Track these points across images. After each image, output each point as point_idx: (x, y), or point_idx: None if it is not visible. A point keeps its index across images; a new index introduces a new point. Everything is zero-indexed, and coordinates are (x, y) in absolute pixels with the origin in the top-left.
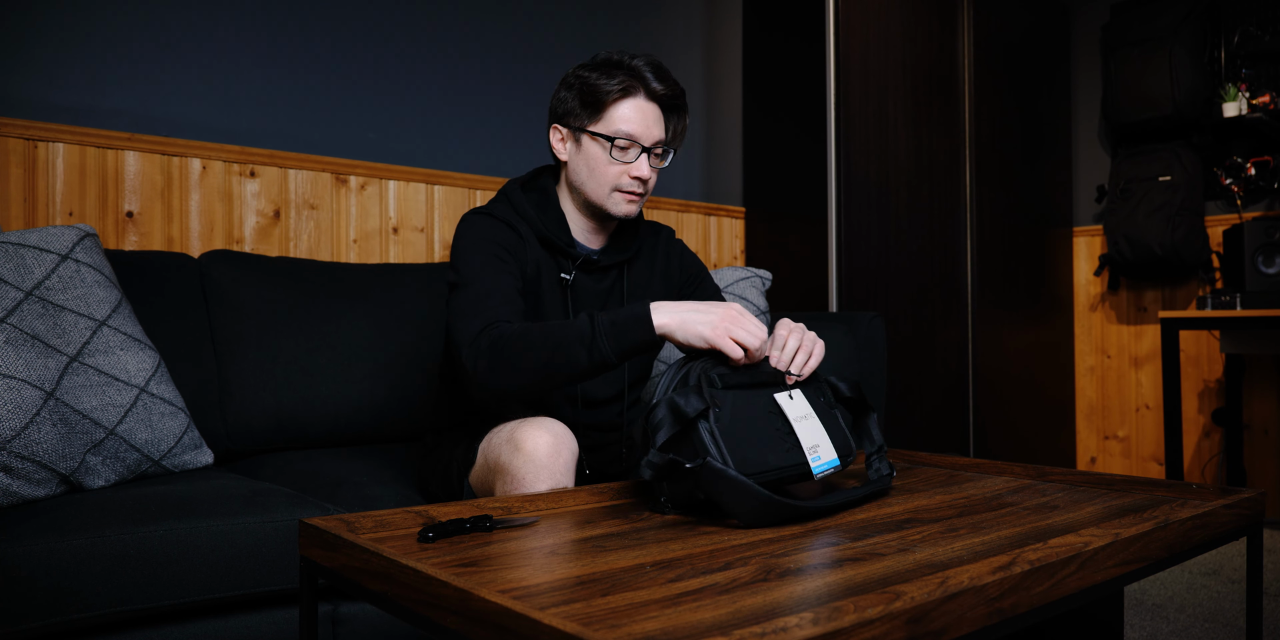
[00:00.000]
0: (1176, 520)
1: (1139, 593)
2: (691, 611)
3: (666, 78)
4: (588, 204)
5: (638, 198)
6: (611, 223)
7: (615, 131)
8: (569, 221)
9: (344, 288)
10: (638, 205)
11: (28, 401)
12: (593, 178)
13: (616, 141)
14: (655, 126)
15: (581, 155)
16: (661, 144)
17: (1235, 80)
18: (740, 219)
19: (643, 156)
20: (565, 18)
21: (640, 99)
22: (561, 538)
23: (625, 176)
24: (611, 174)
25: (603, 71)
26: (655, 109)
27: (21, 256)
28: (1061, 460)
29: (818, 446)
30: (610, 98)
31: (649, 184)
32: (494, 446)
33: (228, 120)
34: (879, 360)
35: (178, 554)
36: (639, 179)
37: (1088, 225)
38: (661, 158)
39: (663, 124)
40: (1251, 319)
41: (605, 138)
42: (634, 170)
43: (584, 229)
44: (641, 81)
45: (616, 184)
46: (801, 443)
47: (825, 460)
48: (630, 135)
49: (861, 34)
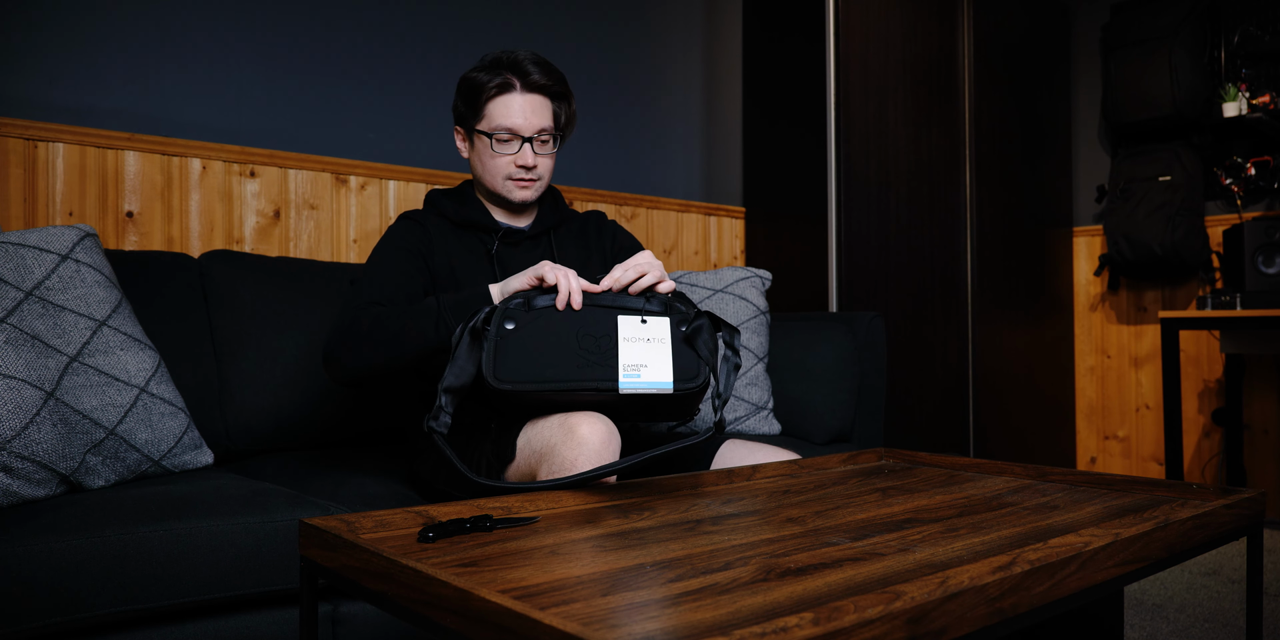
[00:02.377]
0: (1176, 520)
1: (1139, 593)
2: (691, 611)
3: (545, 67)
4: (491, 194)
5: (530, 183)
6: (529, 207)
7: (495, 127)
8: (489, 209)
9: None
10: (531, 190)
11: (28, 401)
12: (486, 171)
13: (495, 136)
14: (535, 116)
15: (475, 152)
16: (546, 133)
17: (1235, 80)
18: (740, 219)
19: (526, 145)
20: (565, 18)
21: (516, 93)
22: (561, 538)
23: (512, 165)
24: (500, 165)
25: (483, 70)
26: (535, 99)
27: (21, 256)
28: (1061, 460)
29: (644, 366)
30: (487, 96)
31: (540, 170)
32: (541, 432)
33: (228, 120)
34: (879, 360)
35: (178, 554)
36: (524, 167)
37: (1088, 225)
38: (545, 145)
39: (546, 113)
40: (1251, 319)
41: (486, 134)
42: (519, 159)
43: (502, 213)
44: (518, 75)
45: (506, 173)
46: (620, 360)
47: (647, 380)
48: (509, 128)
49: (861, 34)
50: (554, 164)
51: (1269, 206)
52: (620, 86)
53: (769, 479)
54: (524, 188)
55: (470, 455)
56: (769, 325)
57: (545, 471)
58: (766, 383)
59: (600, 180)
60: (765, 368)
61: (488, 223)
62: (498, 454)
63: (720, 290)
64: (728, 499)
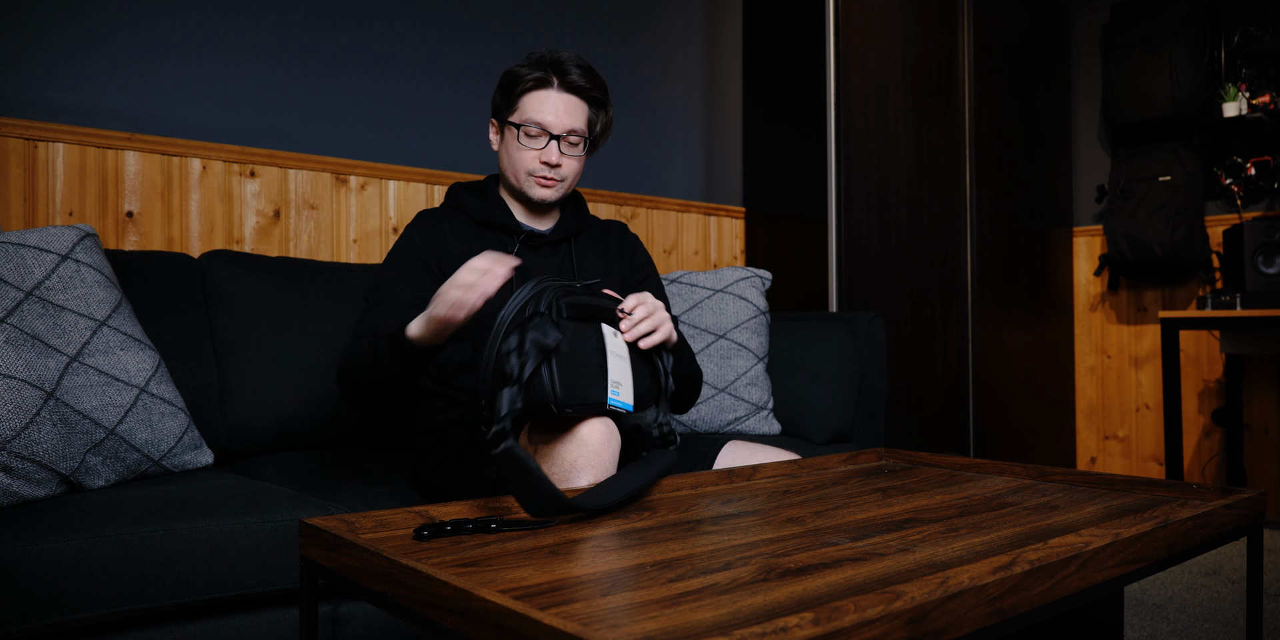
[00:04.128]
0: (1176, 520)
1: (1139, 593)
2: (691, 611)
3: (587, 71)
4: (513, 190)
5: (551, 182)
6: (550, 208)
7: (525, 119)
8: (511, 208)
9: (344, 288)
10: (552, 190)
11: (28, 401)
12: (510, 164)
13: (524, 128)
14: (567, 116)
15: (504, 144)
16: (577, 134)
17: (1235, 80)
18: (740, 219)
19: (553, 143)
20: (565, 18)
21: (552, 90)
22: (561, 538)
23: (536, 161)
24: (524, 159)
25: (527, 65)
26: (571, 100)
27: (21, 256)
28: (1061, 460)
29: (620, 384)
30: (523, 88)
31: (564, 171)
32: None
33: (228, 120)
34: (879, 360)
35: (178, 554)
36: (548, 164)
37: (1088, 225)
38: (575, 146)
39: (580, 115)
40: (1251, 319)
41: (516, 125)
42: (544, 156)
43: (524, 214)
44: (558, 73)
45: (529, 168)
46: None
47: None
48: (539, 123)
49: (861, 34)
50: (581, 169)
51: (1269, 206)
52: (620, 86)
53: (769, 479)
54: (545, 186)
55: (467, 457)
56: (769, 325)
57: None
58: (766, 383)
59: (600, 180)
60: (765, 368)
61: (509, 224)
62: None
63: (720, 290)
64: (728, 499)
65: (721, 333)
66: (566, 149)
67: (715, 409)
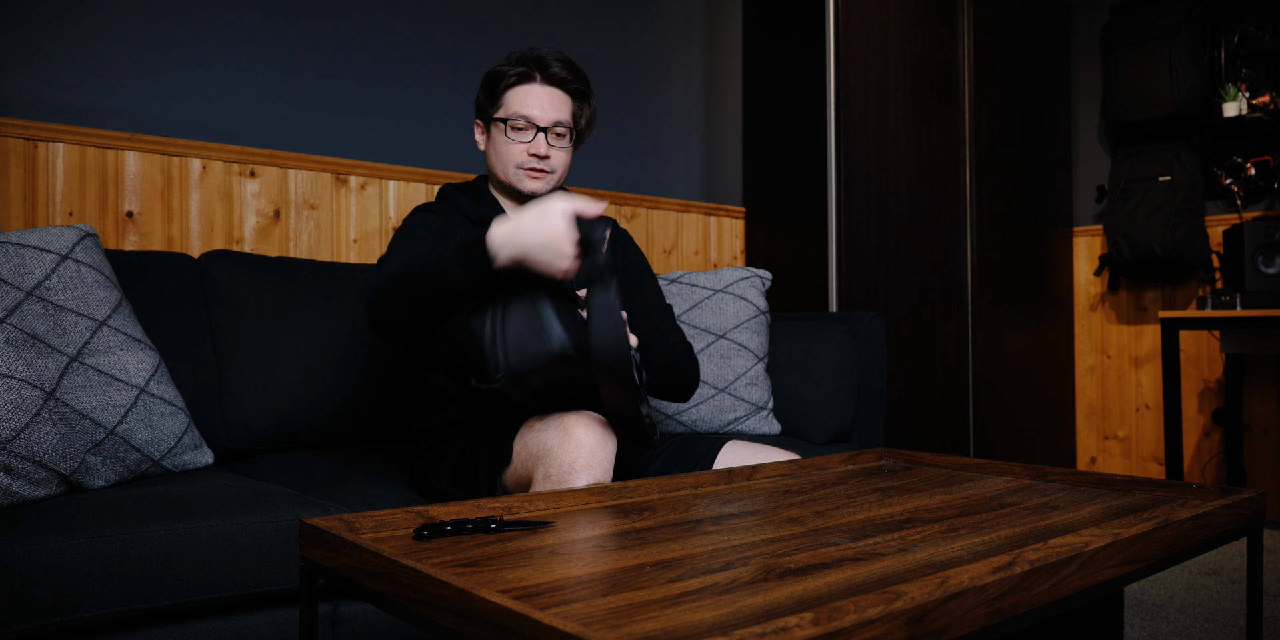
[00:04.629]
0: (1177, 520)
1: (1139, 593)
2: (691, 611)
3: (568, 65)
4: (503, 187)
5: (541, 174)
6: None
7: (511, 114)
8: (504, 206)
9: (344, 288)
10: (542, 182)
11: (28, 401)
12: (499, 160)
13: (510, 122)
14: (552, 109)
15: (491, 142)
16: (563, 126)
17: (1235, 80)
18: (740, 219)
19: (540, 135)
20: (565, 18)
21: (535, 84)
22: (561, 538)
23: (524, 154)
24: (512, 153)
25: (508, 63)
26: (555, 93)
27: (21, 256)
28: (1061, 460)
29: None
30: (506, 84)
31: (553, 162)
32: (537, 435)
33: (228, 120)
34: (879, 360)
35: (178, 554)
36: (536, 155)
37: (1088, 225)
38: (561, 138)
39: (565, 108)
40: (1251, 319)
41: (502, 121)
42: (532, 148)
43: (516, 210)
44: (540, 68)
45: (518, 162)
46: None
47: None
48: (525, 116)
49: (861, 34)
50: (569, 161)
51: (1269, 206)
52: (620, 86)
53: (769, 479)
54: (534, 178)
55: (466, 458)
56: (769, 325)
57: (541, 474)
58: (766, 383)
59: (600, 180)
60: (765, 368)
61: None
62: (495, 457)
63: (720, 290)
64: (728, 499)
65: (721, 333)
66: (553, 141)
67: (715, 409)
